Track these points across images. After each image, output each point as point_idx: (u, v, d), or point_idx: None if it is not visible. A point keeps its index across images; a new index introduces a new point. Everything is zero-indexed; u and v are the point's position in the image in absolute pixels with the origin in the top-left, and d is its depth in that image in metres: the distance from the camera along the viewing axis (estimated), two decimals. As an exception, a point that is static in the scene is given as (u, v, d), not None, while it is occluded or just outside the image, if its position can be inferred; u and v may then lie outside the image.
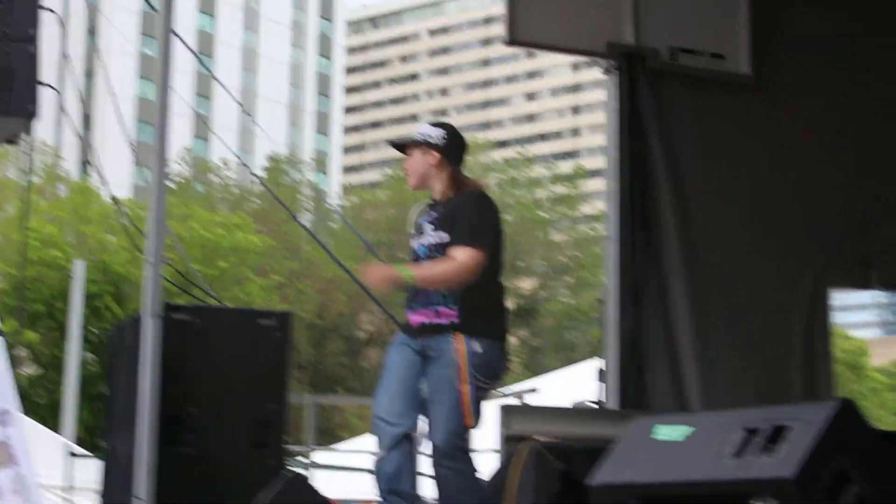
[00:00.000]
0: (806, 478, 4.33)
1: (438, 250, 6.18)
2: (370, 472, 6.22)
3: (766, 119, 9.99)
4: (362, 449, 16.85)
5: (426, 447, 6.18)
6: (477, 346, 6.02)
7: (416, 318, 6.26)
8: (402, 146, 6.45)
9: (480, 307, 6.10)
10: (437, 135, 6.29)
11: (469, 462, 6.08)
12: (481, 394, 6.06)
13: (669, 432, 4.84)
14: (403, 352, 6.25)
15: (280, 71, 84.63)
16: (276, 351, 8.26)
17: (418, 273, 6.09)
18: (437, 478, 6.13)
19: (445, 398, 6.05)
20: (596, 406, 9.18)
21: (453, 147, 6.31)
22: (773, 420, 4.57)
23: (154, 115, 7.86)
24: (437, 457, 6.08)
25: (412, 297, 6.29)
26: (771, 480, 4.36)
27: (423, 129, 6.39)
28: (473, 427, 6.10)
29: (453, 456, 6.01)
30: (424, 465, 6.21)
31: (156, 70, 7.86)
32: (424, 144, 6.29)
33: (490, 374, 6.03)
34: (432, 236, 6.26)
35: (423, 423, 6.18)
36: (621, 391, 9.35)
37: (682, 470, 4.68)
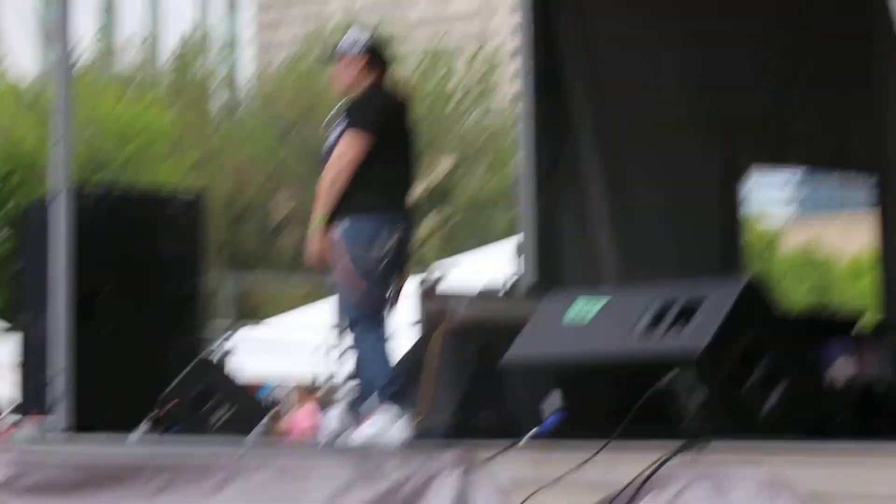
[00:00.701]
0: (716, 352, 4.40)
1: (336, 141, 6.46)
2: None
3: (680, 4, 9.94)
4: (283, 327, 16.92)
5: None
6: (346, 223, 6.29)
7: None
8: (331, 55, 6.70)
9: (354, 187, 6.36)
10: (359, 45, 6.56)
11: (364, 334, 6.23)
12: (365, 263, 6.19)
13: (582, 309, 4.88)
14: None
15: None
16: (189, 231, 8.25)
17: (319, 208, 6.36)
18: None
19: (336, 278, 6.32)
20: (512, 284, 9.23)
21: (375, 55, 6.58)
22: (684, 296, 4.62)
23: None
24: None
25: None
26: (682, 354, 4.42)
27: (350, 37, 6.66)
28: (367, 292, 6.20)
29: (349, 330, 6.26)
30: None
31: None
32: (351, 52, 6.55)
33: (363, 244, 6.18)
34: (335, 131, 6.53)
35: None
36: (538, 268, 9.43)
37: (594, 344, 4.73)
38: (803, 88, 10.35)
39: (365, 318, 6.24)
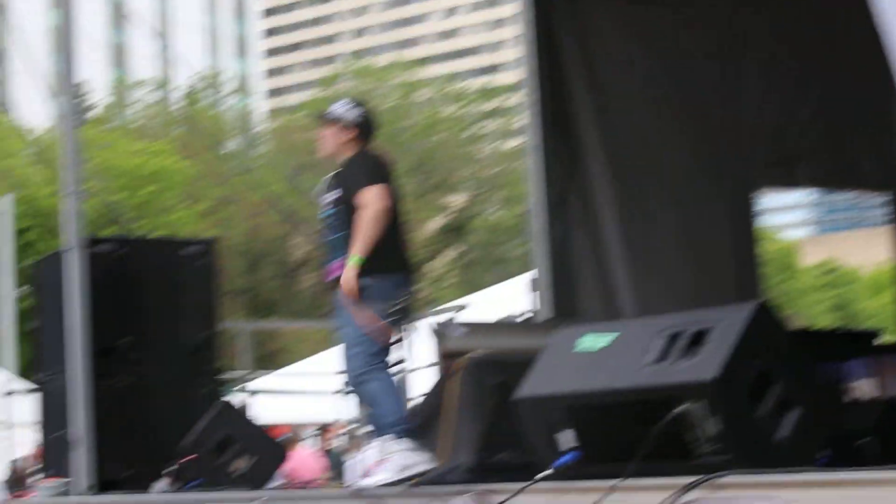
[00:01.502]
0: (727, 380, 4.38)
1: (336, 205, 6.55)
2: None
3: (684, 26, 9.95)
4: (303, 372, 16.87)
5: None
6: (367, 282, 6.34)
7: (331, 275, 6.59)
8: (321, 119, 6.79)
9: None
10: (352, 115, 6.67)
11: (373, 377, 6.31)
12: (383, 317, 6.28)
13: (593, 341, 4.87)
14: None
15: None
16: (203, 278, 8.26)
17: (358, 249, 6.36)
18: None
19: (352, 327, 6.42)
20: (528, 318, 9.21)
21: (365, 127, 6.70)
22: (694, 325, 4.60)
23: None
24: None
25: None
26: (692, 384, 4.40)
27: (340, 108, 6.74)
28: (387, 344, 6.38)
29: (358, 375, 6.38)
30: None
31: (66, -2, 7.77)
32: (340, 123, 6.64)
33: (381, 302, 6.25)
34: (331, 195, 6.61)
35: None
36: (554, 301, 9.40)
37: (605, 378, 4.71)
38: (812, 109, 10.34)
39: (374, 363, 6.32)
